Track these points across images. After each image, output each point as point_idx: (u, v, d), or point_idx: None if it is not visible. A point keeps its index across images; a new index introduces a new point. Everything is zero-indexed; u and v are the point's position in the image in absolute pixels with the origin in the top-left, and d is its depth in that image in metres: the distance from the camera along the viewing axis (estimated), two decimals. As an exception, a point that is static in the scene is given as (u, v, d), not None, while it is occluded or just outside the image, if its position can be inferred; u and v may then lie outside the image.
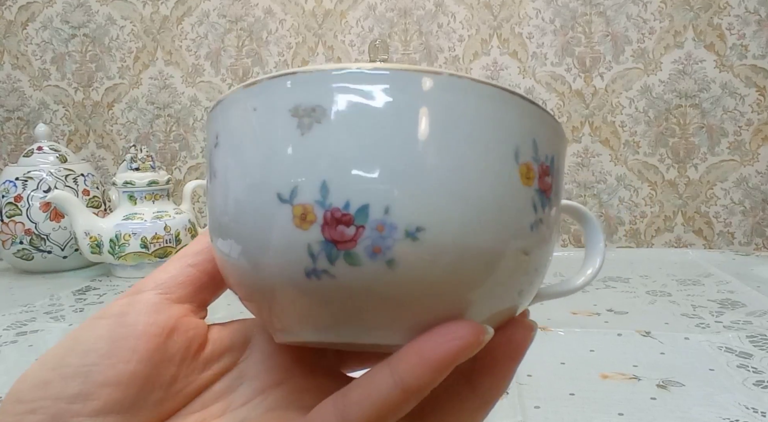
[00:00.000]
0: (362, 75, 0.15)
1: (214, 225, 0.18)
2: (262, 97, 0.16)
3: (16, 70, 1.17)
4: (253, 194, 0.16)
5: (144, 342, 0.19)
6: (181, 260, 0.21)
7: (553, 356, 0.52)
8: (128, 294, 0.20)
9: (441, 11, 1.04)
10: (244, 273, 0.17)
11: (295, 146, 0.15)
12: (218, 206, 0.17)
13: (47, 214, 0.86)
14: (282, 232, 0.15)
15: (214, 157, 0.17)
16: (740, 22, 0.97)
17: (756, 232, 1.01)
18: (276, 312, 0.18)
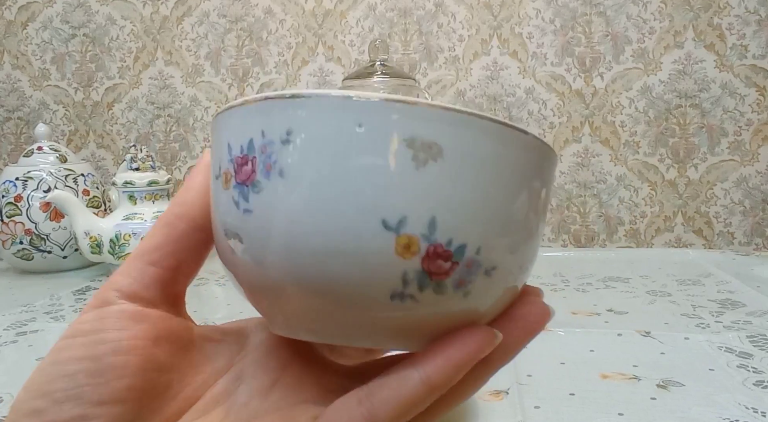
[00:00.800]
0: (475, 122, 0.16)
1: (265, 221, 0.17)
2: (371, 117, 0.16)
3: (16, 70, 1.17)
4: (352, 213, 0.16)
5: (132, 356, 0.18)
6: (141, 260, 0.20)
7: (553, 356, 0.52)
8: (94, 306, 0.19)
9: (441, 11, 1.04)
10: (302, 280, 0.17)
11: (409, 178, 0.16)
12: (284, 206, 0.16)
13: (47, 214, 0.86)
14: (379, 257, 0.16)
15: (282, 153, 0.16)
16: (740, 22, 0.97)
17: (756, 232, 1.01)
18: (313, 319, 0.18)
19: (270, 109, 0.17)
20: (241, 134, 0.17)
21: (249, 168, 0.17)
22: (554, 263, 0.88)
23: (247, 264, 0.18)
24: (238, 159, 0.17)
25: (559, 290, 0.73)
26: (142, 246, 0.20)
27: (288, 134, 0.16)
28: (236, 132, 0.17)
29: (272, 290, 0.18)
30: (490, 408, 0.42)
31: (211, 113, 1.13)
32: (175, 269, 0.20)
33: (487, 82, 1.04)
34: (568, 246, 1.05)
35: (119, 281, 0.20)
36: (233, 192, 0.17)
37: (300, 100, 0.16)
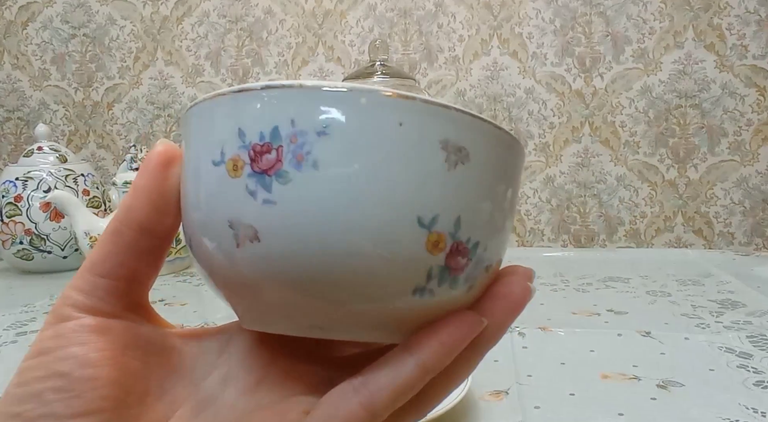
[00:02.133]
0: (498, 133, 0.18)
1: (293, 214, 0.16)
2: (413, 117, 0.16)
3: (16, 70, 1.17)
4: (388, 209, 0.16)
5: (101, 367, 0.18)
6: (91, 272, 0.19)
7: (553, 356, 0.52)
8: (52, 323, 0.19)
9: (441, 11, 1.04)
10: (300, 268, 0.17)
11: (442, 178, 0.16)
12: (317, 199, 0.16)
13: (47, 214, 0.87)
14: (411, 253, 0.16)
15: (318, 145, 0.16)
16: (740, 22, 0.97)
17: (756, 232, 1.01)
18: (319, 314, 0.18)
19: (302, 98, 0.16)
20: (261, 121, 0.16)
21: (273, 157, 0.16)
22: (554, 263, 0.88)
23: (252, 258, 0.17)
24: (257, 146, 0.16)
25: (559, 290, 0.73)
26: (90, 257, 0.19)
27: (325, 127, 0.16)
28: (253, 118, 0.17)
29: (277, 285, 0.17)
30: (490, 408, 0.42)
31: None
32: (129, 279, 0.20)
33: (487, 82, 1.04)
34: (568, 246, 1.05)
35: (72, 296, 0.19)
36: (247, 181, 0.16)
37: (340, 94, 0.16)
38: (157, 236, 0.20)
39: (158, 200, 0.19)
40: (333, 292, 0.17)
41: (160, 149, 0.20)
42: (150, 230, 0.19)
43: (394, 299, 0.17)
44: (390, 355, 0.18)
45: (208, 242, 0.18)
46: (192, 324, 0.61)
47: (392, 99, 0.16)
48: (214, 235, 0.18)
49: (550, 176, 1.04)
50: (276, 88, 0.17)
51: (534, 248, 1.05)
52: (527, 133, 1.04)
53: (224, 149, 0.17)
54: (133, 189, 0.20)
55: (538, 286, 0.76)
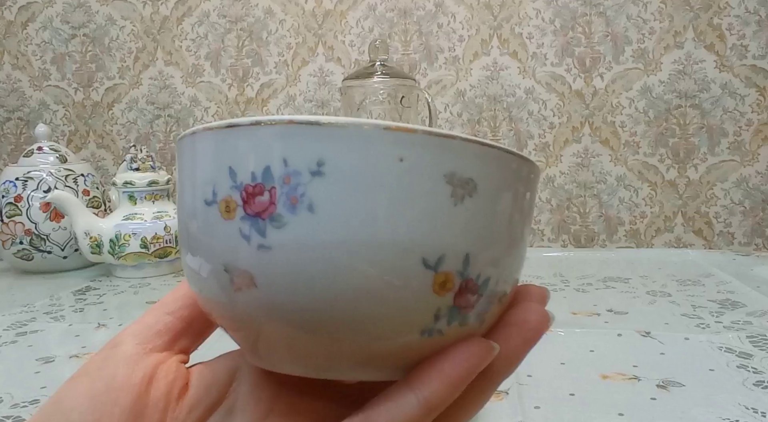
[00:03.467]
0: (507, 158, 0.17)
1: (290, 260, 0.15)
2: (415, 152, 0.15)
3: (16, 70, 1.17)
4: (391, 251, 0.15)
5: (125, 393, 0.19)
6: (159, 309, 0.21)
7: (553, 356, 0.52)
8: (107, 348, 0.21)
9: (441, 11, 1.04)
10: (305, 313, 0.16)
11: (448, 215, 0.15)
12: (315, 244, 0.15)
13: (47, 214, 0.86)
14: (417, 295, 0.16)
15: (311, 186, 0.15)
16: (740, 23, 0.97)
17: (756, 232, 1.01)
18: (321, 356, 0.17)
19: (294, 135, 0.15)
20: (252, 159, 0.15)
21: (266, 200, 0.15)
22: (554, 263, 0.88)
23: (250, 302, 0.16)
24: (249, 188, 0.15)
25: (559, 290, 0.73)
26: (164, 298, 0.22)
27: (319, 166, 0.15)
28: (243, 156, 0.15)
29: (278, 329, 0.17)
30: (490, 408, 0.42)
31: (211, 113, 1.13)
32: (188, 321, 0.22)
33: (487, 82, 1.04)
34: (568, 246, 1.05)
35: (135, 326, 0.21)
36: (241, 224, 0.15)
37: (334, 130, 0.15)
38: None
39: None
40: (335, 337, 0.16)
41: None
42: None
43: (400, 340, 0.16)
44: (391, 391, 0.17)
45: (207, 282, 0.17)
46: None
47: (391, 132, 0.15)
48: (211, 276, 0.17)
49: (550, 176, 1.04)
50: (266, 125, 0.15)
51: (534, 248, 1.05)
52: (527, 133, 1.04)
53: (216, 189, 0.16)
54: None
55: (538, 286, 0.76)
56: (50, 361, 0.54)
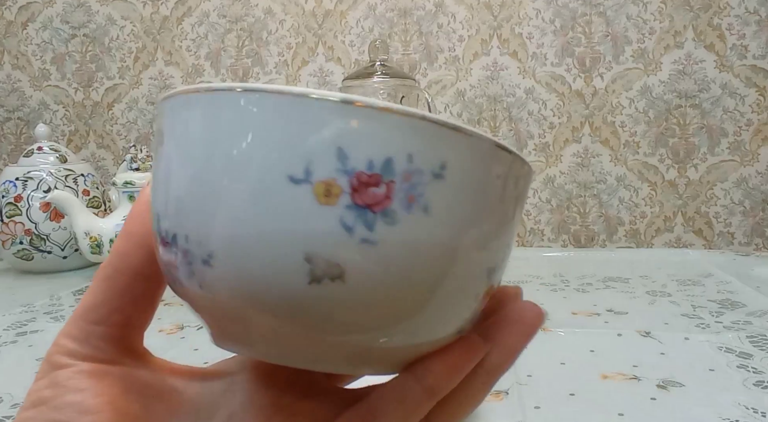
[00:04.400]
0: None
1: (392, 258, 0.15)
2: (507, 171, 0.17)
3: (16, 70, 1.17)
4: (484, 256, 0.18)
5: (102, 413, 0.17)
6: (84, 320, 0.19)
7: (553, 356, 0.52)
8: (46, 372, 0.18)
9: (441, 11, 1.04)
10: None
11: (509, 226, 0.19)
12: (421, 245, 0.15)
13: (47, 214, 0.86)
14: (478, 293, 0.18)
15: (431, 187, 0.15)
16: (740, 22, 0.97)
17: (756, 232, 1.01)
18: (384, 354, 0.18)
19: (424, 132, 0.14)
20: (374, 147, 0.14)
21: (381, 193, 0.14)
22: (554, 263, 0.88)
23: (328, 298, 0.15)
24: (363, 176, 0.14)
25: (559, 290, 0.73)
26: (83, 304, 0.19)
27: (442, 169, 0.15)
28: (363, 140, 0.14)
29: (352, 328, 0.16)
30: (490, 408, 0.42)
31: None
32: (125, 325, 0.19)
33: (487, 82, 1.04)
34: (568, 246, 1.05)
35: (66, 344, 0.19)
36: (343, 213, 0.14)
37: (461, 137, 0.15)
38: (153, 280, 0.19)
39: (153, 245, 0.19)
40: (423, 334, 0.17)
41: (148, 191, 0.19)
42: (145, 275, 0.19)
43: None
44: (395, 382, 0.18)
45: (256, 269, 0.15)
46: (192, 324, 0.61)
47: (501, 152, 0.16)
48: (273, 263, 0.15)
49: (550, 176, 1.04)
50: (397, 115, 0.14)
51: (534, 248, 1.05)
52: (527, 133, 1.04)
53: (312, 167, 0.14)
54: (126, 235, 0.19)
55: (538, 286, 0.76)
56: (50, 361, 0.53)
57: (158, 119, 0.17)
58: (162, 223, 0.16)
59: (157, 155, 0.17)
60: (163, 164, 0.16)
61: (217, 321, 0.17)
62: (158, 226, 0.16)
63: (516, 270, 0.83)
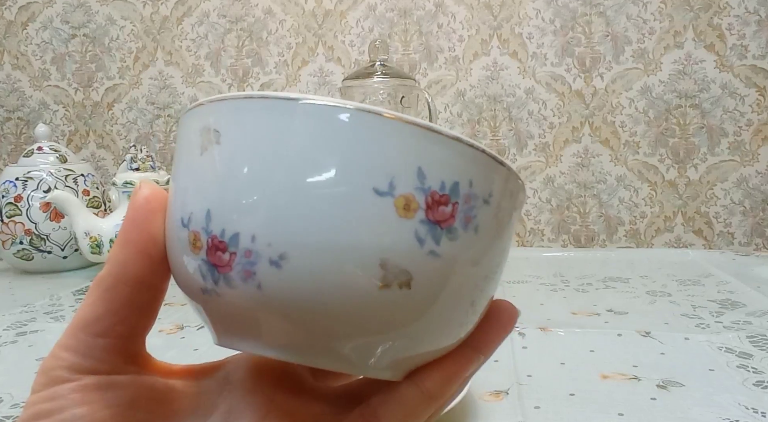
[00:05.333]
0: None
1: (449, 269, 0.17)
2: (515, 207, 0.20)
3: (16, 70, 1.17)
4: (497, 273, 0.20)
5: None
6: (85, 332, 0.18)
7: (553, 356, 0.52)
8: (44, 385, 0.18)
9: (441, 11, 1.04)
10: None
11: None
12: (466, 259, 0.18)
13: (47, 214, 0.86)
14: None
15: (482, 212, 0.18)
16: (740, 22, 0.97)
17: (756, 232, 1.01)
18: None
19: (483, 164, 0.17)
20: (446, 170, 0.16)
21: (448, 211, 0.16)
22: (554, 263, 0.88)
23: (402, 303, 0.16)
24: (436, 195, 0.16)
25: (559, 290, 0.73)
26: (83, 316, 0.18)
27: (490, 196, 0.17)
28: (438, 163, 0.16)
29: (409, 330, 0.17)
30: (490, 408, 0.42)
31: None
32: (128, 335, 0.19)
33: (487, 82, 1.04)
34: (568, 246, 1.05)
35: (67, 357, 0.18)
36: (418, 226, 0.16)
37: (504, 169, 0.17)
38: (155, 288, 0.19)
39: (154, 251, 0.18)
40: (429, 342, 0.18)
41: (145, 195, 0.18)
42: (148, 283, 0.19)
43: None
44: (396, 388, 0.19)
45: (331, 271, 0.16)
46: (192, 324, 0.61)
47: (519, 184, 0.18)
48: (345, 265, 0.15)
49: (550, 176, 1.04)
50: (465, 145, 0.16)
51: (534, 248, 1.05)
52: (527, 133, 1.04)
53: (395, 182, 0.15)
54: (125, 243, 0.18)
55: (538, 286, 0.76)
56: (50, 361, 0.53)
57: (211, 118, 0.17)
58: (213, 222, 0.16)
59: (203, 153, 0.16)
60: (218, 164, 0.16)
61: (240, 321, 0.17)
62: (202, 225, 0.16)
63: (516, 270, 0.83)
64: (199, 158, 0.17)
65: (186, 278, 0.17)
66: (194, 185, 0.17)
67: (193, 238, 0.16)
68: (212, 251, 0.16)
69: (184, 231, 0.17)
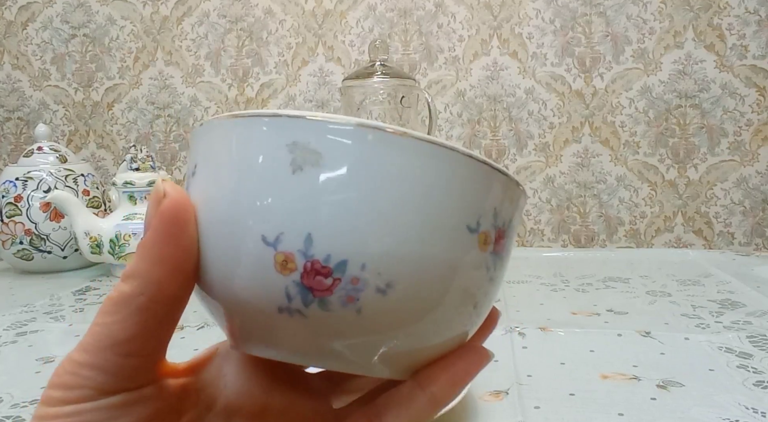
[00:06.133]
0: None
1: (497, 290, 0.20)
2: None
3: (16, 70, 1.17)
4: None
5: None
6: (114, 352, 0.17)
7: (553, 356, 0.52)
8: (65, 402, 0.17)
9: (441, 11, 1.04)
10: None
11: None
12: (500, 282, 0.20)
13: (47, 214, 0.87)
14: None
15: (508, 238, 0.20)
16: (740, 22, 0.97)
17: (756, 232, 1.01)
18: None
19: (512, 192, 0.19)
20: (508, 212, 0.19)
21: (499, 243, 0.19)
22: (554, 263, 0.88)
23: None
24: (501, 231, 0.18)
25: (559, 290, 0.73)
26: (111, 335, 0.17)
27: (511, 221, 0.19)
28: (507, 207, 0.18)
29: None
30: (490, 408, 0.42)
31: (211, 113, 1.13)
32: (157, 350, 0.18)
33: (487, 82, 1.04)
34: (568, 246, 1.05)
35: (93, 377, 0.17)
36: (488, 257, 0.18)
37: (524, 199, 0.20)
38: (186, 300, 0.18)
39: (189, 267, 0.17)
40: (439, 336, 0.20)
41: (174, 202, 0.17)
42: (182, 300, 0.18)
43: None
44: (402, 389, 0.20)
45: (429, 298, 0.17)
46: (192, 324, 0.61)
47: (522, 195, 0.20)
48: (437, 290, 0.17)
49: (550, 176, 1.04)
50: (522, 190, 0.19)
51: (534, 248, 1.05)
52: (527, 133, 1.04)
53: (481, 221, 0.18)
54: (159, 260, 0.17)
55: (538, 286, 0.76)
56: (50, 361, 0.54)
57: (307, 137, 0.16)
58: (315, 247, 0.16)
59: (297, 173, 0.16)
60: (322, 188, 0.16)
61: (284, 335, 0.18)
62: (298, 248, 0.16)
63: (516, 270, 0.83)
64: (289, 176, 0.16)
65: (255, 295, 0.17)
66: (284, 204, 0.16)
67: (283, 259, 0.16)
68: (310, 275, 0.16)
69: (268, 250, 0.16)
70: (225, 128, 0.17)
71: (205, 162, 0.18)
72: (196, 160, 0.18)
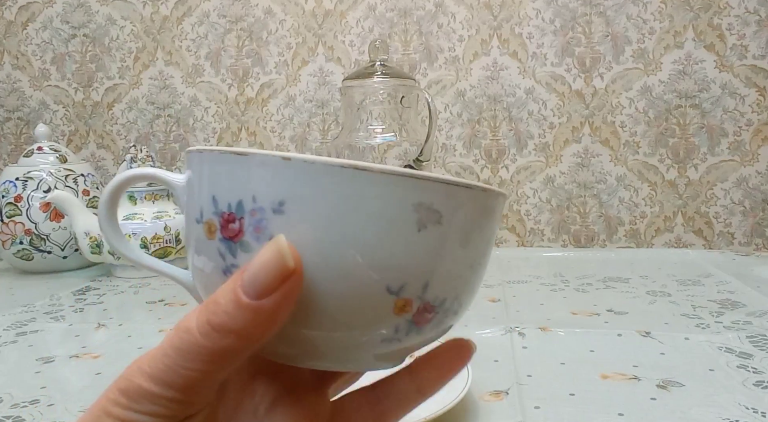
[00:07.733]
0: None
1: None
2: None
3: (16, 70, 1.17)
4: None
5: None
6: (185, 394, 0.17)
7: (553, 356, 0.52)
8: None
9: (441, 11, 1.04)
10: None
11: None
12: None
13: (47, 214, 0.87)
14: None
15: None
16: (740, 23, 0.97)
17: (756, 232, 1.01)
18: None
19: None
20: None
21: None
22: (554, 263, 0.88)
23: None
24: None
25: (559, 290, 0.73)
26: (190, 383, 0.17)
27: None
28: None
29: None
30: (490, 408, 0.42)
31: (211, 113, 1.13)
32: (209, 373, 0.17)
33: (487, 82, 1.04)
34: (568, 246, 1.05)
35: (156, 411, 0.16)
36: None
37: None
38: None
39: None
40: None
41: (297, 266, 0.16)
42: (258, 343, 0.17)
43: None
44: (394, 378, 0.23)
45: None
46: (192, 324, 0.61)
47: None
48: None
49: (550, 176, 1.04)
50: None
51: (534, 248, 1.05)
52: (527, 133, 1.04)
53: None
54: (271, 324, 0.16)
55: (538, 286, 0.76)
56: (50, 361, 0.54)
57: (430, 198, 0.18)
58: (429, 292, 0.19)
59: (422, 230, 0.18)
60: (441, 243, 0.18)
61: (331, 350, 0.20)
62: (417, 294, 0.18)
63: (516, 270, 0.83)
64: (415, 233, 0.18)
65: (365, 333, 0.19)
66: (409, 260, 0.18)
67: (403, 304, 0.18)
68: (420, 313, 0.19)
69: (390, 298, 0.18)
70: (336, 177, 0.17)
71: (303, 205, 0.17)
72: (281, 196, 0.17)
